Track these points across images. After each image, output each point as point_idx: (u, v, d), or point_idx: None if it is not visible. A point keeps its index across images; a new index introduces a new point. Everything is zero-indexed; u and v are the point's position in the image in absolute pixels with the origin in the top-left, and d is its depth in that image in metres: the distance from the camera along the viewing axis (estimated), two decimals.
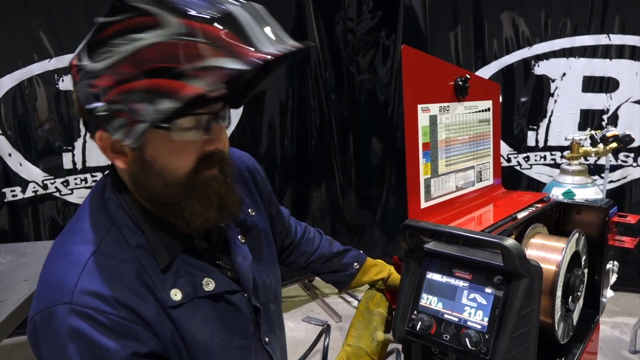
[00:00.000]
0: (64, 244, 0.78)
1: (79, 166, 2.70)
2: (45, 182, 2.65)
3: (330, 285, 1.26)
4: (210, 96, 0.64)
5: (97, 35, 0.69)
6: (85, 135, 2.66)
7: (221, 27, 0.65)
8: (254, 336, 0.90)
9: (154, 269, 0.77)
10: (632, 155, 2.95)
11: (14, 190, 2.60)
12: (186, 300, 0.78)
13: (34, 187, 2.64)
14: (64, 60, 2.54)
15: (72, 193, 2.71)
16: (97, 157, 2.70)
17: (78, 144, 2.67)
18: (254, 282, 0.91)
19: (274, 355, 0.95)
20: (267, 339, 0.94)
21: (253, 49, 0.66)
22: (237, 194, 0.84)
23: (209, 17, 0.65)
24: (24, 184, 2.61)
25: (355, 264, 1.21)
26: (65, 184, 2.69)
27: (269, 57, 0.66)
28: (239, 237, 0.92)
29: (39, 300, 0.73)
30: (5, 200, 2.59)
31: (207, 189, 0.78)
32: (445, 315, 0.86)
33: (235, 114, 3.01)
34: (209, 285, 0.82)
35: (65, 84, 2.57)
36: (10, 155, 2.56)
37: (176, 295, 0.77)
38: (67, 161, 2.67)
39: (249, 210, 0.98)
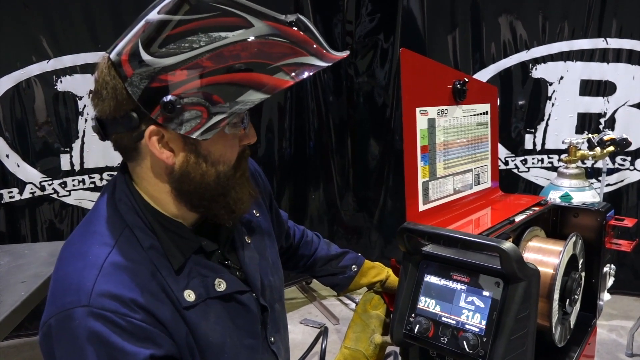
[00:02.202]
0: (78, 245, 0.78)
1: (77, 167, 2.69)
2: (42, 183, 2.65)
3: (328, 287, 1.26)
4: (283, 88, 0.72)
5: (160, 31, 0.70)
6: (83, 136, 2.66)
7: (299, 31, 0.74)
8: (260, 336, 0.91)
9: (167, 270, 0.77)
10: (629, 158, 2.96)
11: (11, 192, 2.59)
12: (199, 300, 0.79)
13: (32, 189, 2.63)
14: (62, 62, 2.54)
15: (69, 195, 2.71)
16: (95, 158, 2.69)
17: (76, 145, 2.66)
18: (261, 282, 0.92)
19: (279, 355, 0.96)
20: (272, 339, 0.94)
21: (325, 50, 0.76)
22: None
23: (288, 21, 0.75)
24: (21, 185, 2.60)
25: (354, 266, 1.21)
26: (62, 185, 2.69)
27: (343, 55, 0.77)
28: (245, 237, 0.93)
29: (55, 302, 0.72)
30: (2, 202, 2.58)
31: (244, 178, 0.86)
32: (443, 318, 0.86)
33: None
34: (221, 285, 0.82)
35: (64, 85, 2.57)
36: (7, 156, 2.55)
37: (190, 296, 0.78)
38: (64, 162, 2.66)
39: (254, 211, 0.99)
